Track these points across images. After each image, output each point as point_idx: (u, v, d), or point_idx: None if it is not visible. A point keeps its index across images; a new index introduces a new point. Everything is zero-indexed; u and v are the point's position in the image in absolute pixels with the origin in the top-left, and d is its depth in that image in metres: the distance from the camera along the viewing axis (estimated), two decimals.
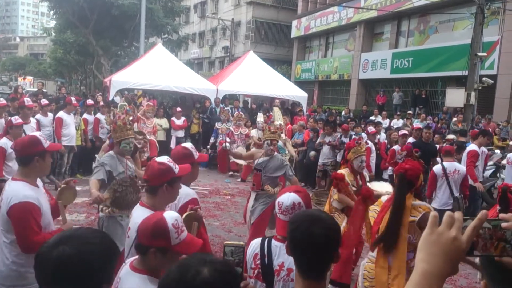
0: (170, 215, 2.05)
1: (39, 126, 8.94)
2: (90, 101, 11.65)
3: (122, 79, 14.84)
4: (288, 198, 2.45)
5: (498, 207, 4.14)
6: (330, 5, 25.29)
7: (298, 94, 17.01)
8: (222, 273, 1.22)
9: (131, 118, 10.12)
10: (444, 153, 7.10)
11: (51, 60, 47.78)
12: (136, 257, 2.12)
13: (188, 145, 3.47)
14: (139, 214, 2.59)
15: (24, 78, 51.76)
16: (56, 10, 26.85)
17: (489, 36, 15.27)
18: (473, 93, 13.04)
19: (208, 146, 13.09)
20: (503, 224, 1.01)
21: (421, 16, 20.18)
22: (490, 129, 11.79)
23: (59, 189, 3.32)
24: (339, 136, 10.81)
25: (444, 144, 8.96)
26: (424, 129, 9.68)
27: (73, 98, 10.64)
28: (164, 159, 2.78)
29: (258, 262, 2.47)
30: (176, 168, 2.74)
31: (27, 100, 8.46)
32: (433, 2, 18.16)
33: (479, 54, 13.01)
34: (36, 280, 1.43)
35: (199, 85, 15.47)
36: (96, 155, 6.99)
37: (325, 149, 10.71)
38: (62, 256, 1.35)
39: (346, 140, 10.43)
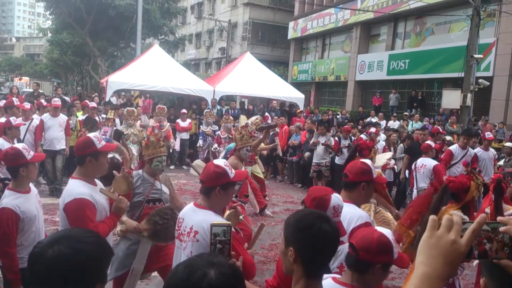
0: (386, 231, 2.13)
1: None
2: (92, 104, 11.44)
3: (118, 80, 14.83)
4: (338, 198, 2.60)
5: (492, 196, 4.31)
6: (326, 7, 25.34)
7: (295, 95, 17.04)
8: (228, 277, 1.23)
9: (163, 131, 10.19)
10: (423, 150, 7.56)
11: (47, 61, 47.55)
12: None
13: (221, 162, 2.84)
14: (202, 217, 2.58)
15: (20, 79, 51.56)
16: (53, 10, 26.78)
17: (485, 38, 15.34)
18: (469, 95, 13.10)
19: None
20: (501, 228, 1.03)
21: (418, 18, 20.24)
22: (487, 130, 11.82)
23: (114, 178, 3.45)
24: (337, 138, 10.78)
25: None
26: (419, 130, 9.78)
27: (56, 99, 10.15)
28: (221, 162, 2.79)
29: None
30: (232, 172, 2.72)
31: (16, 100, 8.41)
32: (429, 4, 18.22)
33: (475, 56, 13.07)
34: (28, 280, 1.43)
35: (196, 86, 15.47)
36: None
37: (319, 149, 10.70)
38: (57, 255, 1.34)
39: (346, 142, 10.39)
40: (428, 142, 7.94)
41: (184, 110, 13.50)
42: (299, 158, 11.75)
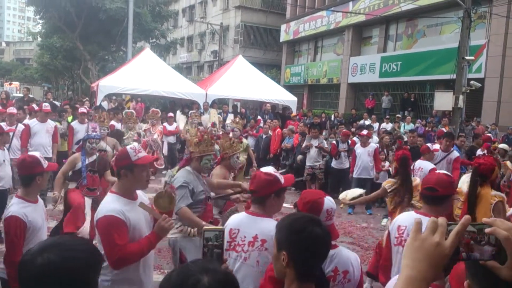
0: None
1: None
2: (82, 109, 11.09)
3: (109, 84, 14.71)
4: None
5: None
6: (318, 10, 25.39)
7: (287, 98, 17.01)
8: (222, 283, 1.22)
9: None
10: (422, 152, 7.55)
11: (38, 65, 47.26)
12: None
13: (270, 169, 2.87)
14: (267, 225, 2.59)
15: (10, 84, 51.11)
16: (43, 14, 26.53)
17: (476, 40, 15.43)
18: (461, 97, 13.14)
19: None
20: (487, 230, 1.02)
21: (409, 20, 20.33)
22: (479, 131, 11.87)
23: (156, 194, 3.29)
24: (335, 142, 10.68)
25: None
26: (409, 132, 9.89)
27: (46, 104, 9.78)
28: (270, 169, 2.82)
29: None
30: (282, 178, 2.77)
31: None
32: (420, 6, 18.31)
33: (467, 57, 13.12)
34: None
35: (188, 89, 15.39)
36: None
37: (313, 152, 10.61)
38: (46, 263, 1.32)
39: (343, 145, 10.24)
40: (429, 144, 7.92)
41: (170, 114, 13.26)
42: (292, 161, 11.66)
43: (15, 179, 6.72)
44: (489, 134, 9.73)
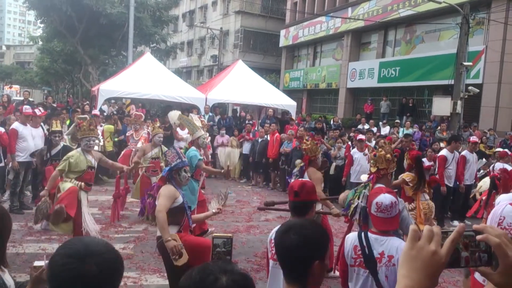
0: None
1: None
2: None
3: (110, 88, 14.78)
4: (385, 198, 2.98)
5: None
6: (317, 15, 25.51)
7: (287, 102, 17.09)
8: (239, 284, 1.28)
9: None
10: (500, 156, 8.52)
11: (38, 69, 47.28)
12: None
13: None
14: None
15: (11, 87, 51.22)
16: (44, 19, 26.63)
17: (474, 46, 15.52)
18: (459, 102, 13.22)
19: None
20: (478, 237, 1.03)
21: (408, 26, 20.45)
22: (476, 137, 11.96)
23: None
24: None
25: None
26: (403, 138, 10.19)
27: (38, 109, 9.56)
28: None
29: (359, 252, 2.91)
30: None
31: None
32: (419, 12, 18.42)
33: (465, 63, 13.21)
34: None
35: (188, 93, 15.46)
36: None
37: None
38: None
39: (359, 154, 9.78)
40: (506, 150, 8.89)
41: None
42: (288, 165, 11.70)
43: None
44: (474, 138, 10.18)
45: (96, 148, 7.32)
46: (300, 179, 4.26)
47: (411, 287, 1.00)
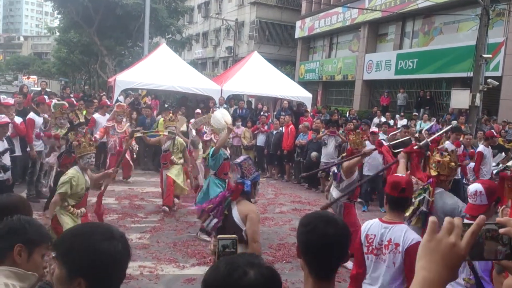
0: None
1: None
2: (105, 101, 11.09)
3: (126, 79, 14.86)
4: (474, 186, 3.21)
5: None
6: (334, 6, 25.27)
7: (302, 94, 17.00)
8: (267, 278, 1.27)
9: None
10: None
11: (55, 60, 47.89)
12: None
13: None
14: (412, 235, 3.00)
15: (28, 78, 51.88)
16: (60, 10, 26.90)
17: (494, 38, 15.22)
18: (478, 95, 13.01)
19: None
20: (501, 230, 1.02)
21: (426, 17, 20.14)
22: (494, 130, 11.80)
23: None
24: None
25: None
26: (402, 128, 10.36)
27: (46, 97, 9.74)
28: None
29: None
30: None
31: (3, 98, 8.05)
32: (437, 3, 18.10)
33: (484, 55, 12.98)
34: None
35: (204, 85, 15.47)
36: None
37: (330, 148, 10.65)
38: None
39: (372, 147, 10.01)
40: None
41: (198, 110, 12.36)
42: (304, 157, 11.64)
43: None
44: (492, 131, 10.17)
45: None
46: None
47: (430, 279, 1.00)
